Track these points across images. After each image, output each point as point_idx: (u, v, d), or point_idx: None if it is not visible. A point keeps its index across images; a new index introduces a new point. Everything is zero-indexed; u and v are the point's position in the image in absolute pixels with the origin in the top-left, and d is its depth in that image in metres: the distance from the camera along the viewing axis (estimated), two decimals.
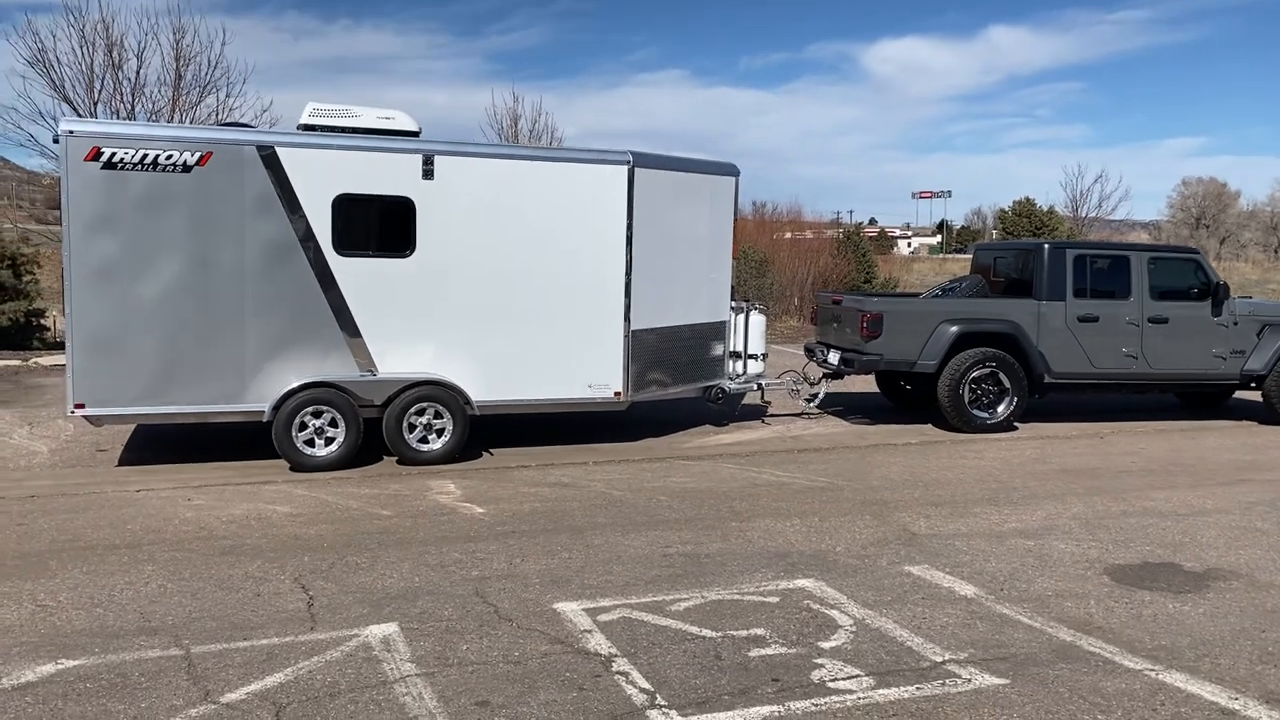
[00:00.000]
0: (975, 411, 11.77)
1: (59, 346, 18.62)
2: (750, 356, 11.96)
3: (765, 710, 4.53)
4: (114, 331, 9.06)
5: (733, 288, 11.97)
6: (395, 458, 9.81)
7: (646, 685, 4.79)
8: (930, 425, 12.20)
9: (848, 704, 4.60)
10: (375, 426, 9.63)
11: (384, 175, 9.65)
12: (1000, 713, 4.53)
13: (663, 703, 4.61)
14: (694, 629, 5.52)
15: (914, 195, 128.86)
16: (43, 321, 19.51)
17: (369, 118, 10.06)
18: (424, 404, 9.74)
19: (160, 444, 10.39)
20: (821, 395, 12.66)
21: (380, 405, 9.65)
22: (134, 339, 9.10)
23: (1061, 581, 6.40)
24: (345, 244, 9.54)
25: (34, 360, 16.76)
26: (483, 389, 9.95)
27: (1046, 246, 12.24)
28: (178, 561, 6.70)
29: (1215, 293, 12.25)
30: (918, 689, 4.77)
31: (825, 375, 12.75)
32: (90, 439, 10.85)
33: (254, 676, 4.87)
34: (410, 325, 9.81)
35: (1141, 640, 5.42)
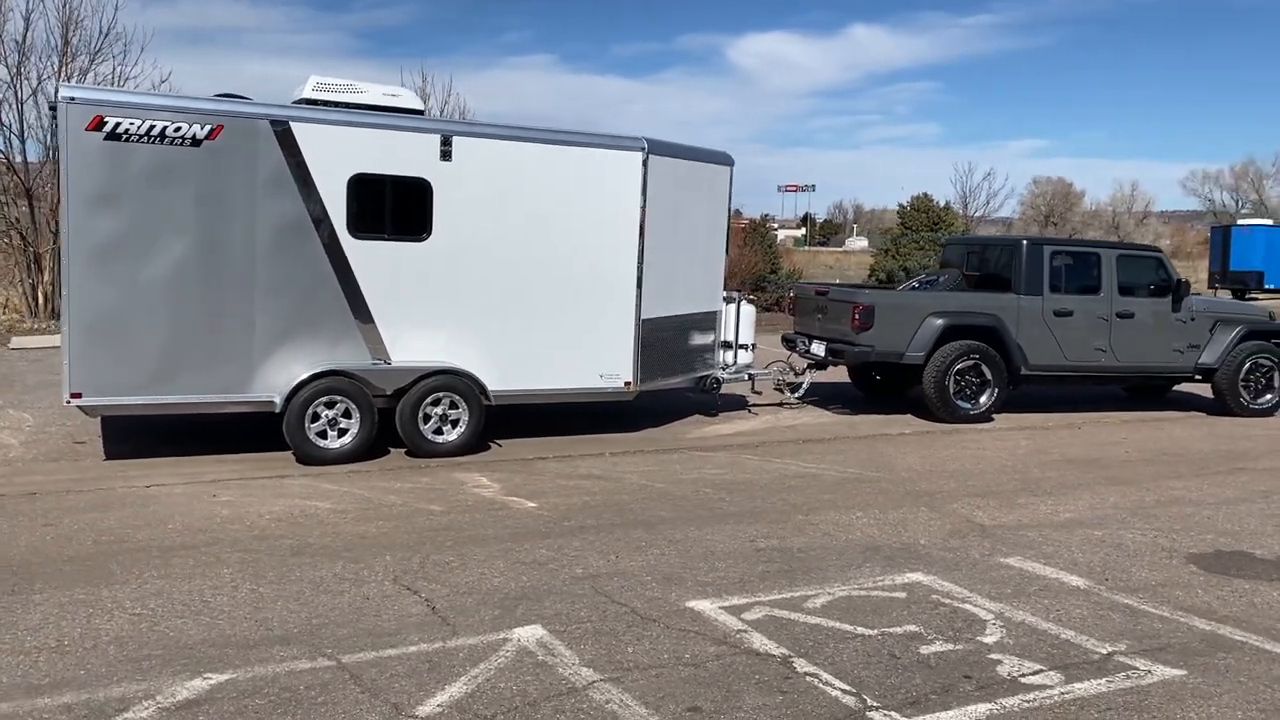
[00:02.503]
0: (959, 402, 12.02)
1: None
2: (740, 346, 11.93)
3: (983, 709, 4.50)
4: (115, 316, 8.44)
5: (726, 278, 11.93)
6: (404, 449, 9.42)
7: (846, 686, 4.69)
8: (910, 415, 12.41)
9: (1055, 699, 4.60)
10: (383, 416, 9.21)
11: (401, 155, 9.25)
12: (1203, 704, 4.61)
13: (875, 704, 4.52)
14: (846, 626, 5.45)
15: (780, 188, 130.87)
16: None
17: (374, 94, 9.63)
18: (439, 394, 9.39)
19: (141, 436, 9.72)
20: (806, 386, 12.73)
21: (391, 395, 9.25)
22: (137, 324, 8.50)
23: (1155, 571, 6.56)
24: (360, 226, 9.11)
25: None
26: (496, 378, 9.65)
27: (1025, 243, 12.59)
28: (250, 563, 6.27)
29: (1176, 289, 12.80)
30: (1109, 682, 4.81)
31: (810, 366, 12.82)
32: (57, 429, 10.11)
33: (432, 687, 4.58)
34: (424, 312, 9.44)
35: (1275, 628, 5.59)
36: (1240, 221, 41.45)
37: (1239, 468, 9.89)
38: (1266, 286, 36.35)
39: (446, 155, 9.36)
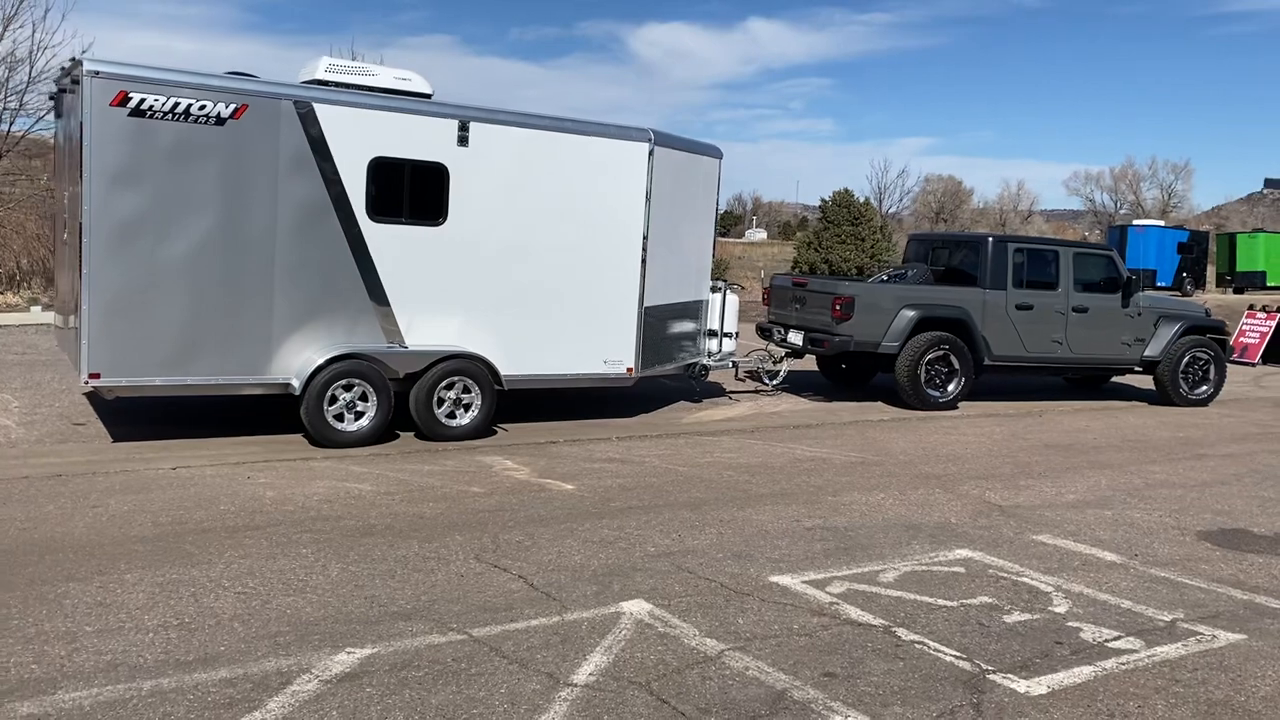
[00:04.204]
0: (929, 390, 12.54)
1: None
2: (725, 335, 12.23)
3: (1087, 671, 4.89)
4: (136, 295, 8.34)
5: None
6: (411, 433, 9.49)
7: (956, 652, 5.04)
8: (880, 402, 12.90)
9: (1145, 662, 5.02)
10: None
11: (420, 139, 9.30)
12: (1275, 664, 5.08)
13: (989, 668, 4.88)
14: (926, 598, 5.80)
15: None
16: None
17: (386, 77, 9.64)
18: (453, 378, 9.47)
19: (138, 417, 9.58)
20: (783, 374, 13.12)
21: (404, 379, 9.30)
22: (157, 304, 8.41)
23: (1173, 547, 7.09)
24: (379, 209, 9.14)
25: None
26: (506, 363, 9.77)
27: (991, 240, 13.19)
28: (325, 543, 6.34)
29: (1126, 286, 13.55)
30: (1184, 646, 5.25)
31: (787, 354, 13.21)
32: (47, 410, 9.91)
33: (574, 657, 4.77)
34: (438, 296, 9.51)
35: None
36: (1135, 222, 43.48)
37: (1201, 453, 10.59)
38: (1158, 285, 38.22)
39: (464, 140, 9.44)
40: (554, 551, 6.36)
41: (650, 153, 10.35)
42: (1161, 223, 44.11)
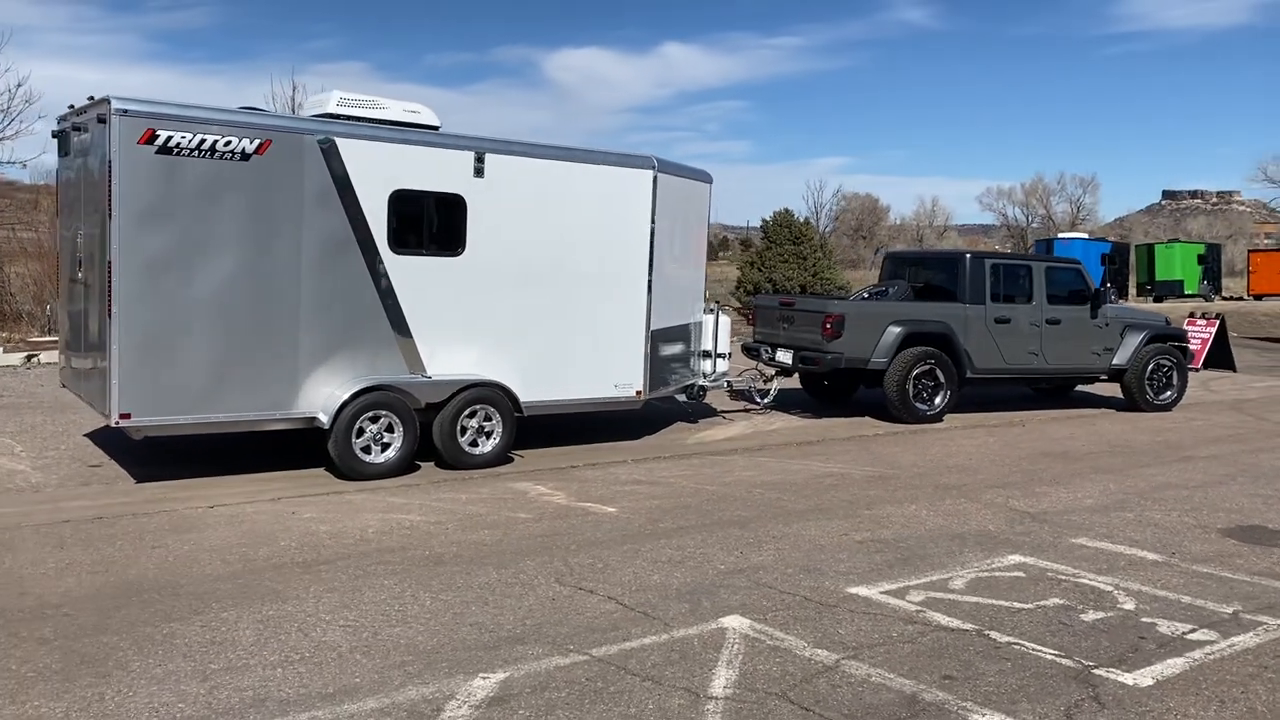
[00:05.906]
0: (918, 404, 12.91)
1: None
2: (719, 355, 12.46)
3: (1180, 661, 5.18)
4: (165, 333, 8.28)
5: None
6: (431, 462, 9.53)
7: (1054, 651, 5.30)
8: (868, 417, 13.23)
9: (1228, 651, 5.34)
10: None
11: (438, 171, 9.40)
12: None
13: (1090, 663, 5.14)
14: (1003, 602, 6.06)
15: None
16: None
17: (396, 110, 9.70)
18: (476, 406, 9.54)
19: (155, 459, 9.44)
20: (774, 392, 13.38)
21: (426, 408, 9.35)
22: (186, 341, 8.36)
23: (1205, 545, 7.47)
24: (400, 241, 9.21)
25: None
26: (524, 389, 9.86)
27: (969, 256, 13.65)
28: (404, 574, 6.39)
29: (1094, 298, 14.11)
30: (1256, 635, 5.58)
31: (777, 373, 13.48)
32: (56, 453, 9.72)
33: (702, 671, 4.92)
34: (459, 325, 9.59)
35: None
36: (1060, 235, 44.97)
37: (1186, 456, 11.09)
38: None
39: (479, 172, 9.55)
40: (628, 572, 6.49)
41: (654, 179, 10.56)
42: (1085, 235, 45.67)
